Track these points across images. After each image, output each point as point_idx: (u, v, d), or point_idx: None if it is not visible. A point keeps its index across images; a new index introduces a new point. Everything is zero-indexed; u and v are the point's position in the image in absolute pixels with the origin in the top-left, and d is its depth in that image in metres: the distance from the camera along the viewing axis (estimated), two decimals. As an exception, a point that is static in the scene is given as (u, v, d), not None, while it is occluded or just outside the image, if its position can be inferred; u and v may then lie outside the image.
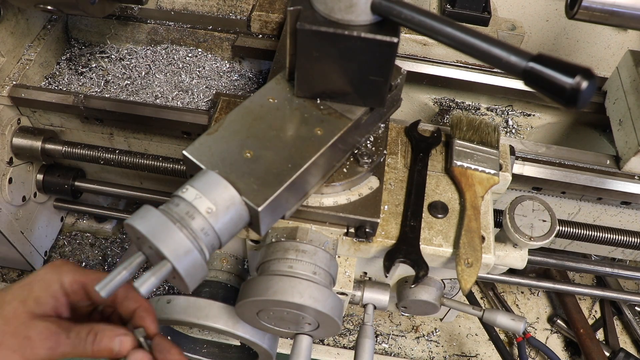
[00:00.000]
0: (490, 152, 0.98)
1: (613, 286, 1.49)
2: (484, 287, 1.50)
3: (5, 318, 0.65)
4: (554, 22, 1.50)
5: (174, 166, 1.21)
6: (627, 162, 1.11)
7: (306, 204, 0.83)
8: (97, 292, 0.64)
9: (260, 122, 0.77)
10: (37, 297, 0.66)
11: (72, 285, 0.68)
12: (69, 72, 1.37)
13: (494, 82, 1.29)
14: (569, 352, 1.41)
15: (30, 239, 1.34)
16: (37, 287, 0.67)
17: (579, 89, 0.53)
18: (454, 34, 0.61)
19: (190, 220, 0.62)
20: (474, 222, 0.88)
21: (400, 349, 1.35)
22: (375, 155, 0.86)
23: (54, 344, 0.65)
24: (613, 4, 0.85)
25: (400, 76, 0.83)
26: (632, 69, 1.13)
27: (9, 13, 1.23)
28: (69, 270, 0.69)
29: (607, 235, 1.13)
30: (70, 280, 0.68)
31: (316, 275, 0.78)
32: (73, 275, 0.68)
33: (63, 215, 1.49)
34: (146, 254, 0.64)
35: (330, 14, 0.68)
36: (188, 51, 1.40)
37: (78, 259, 1.44)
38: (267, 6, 1.34)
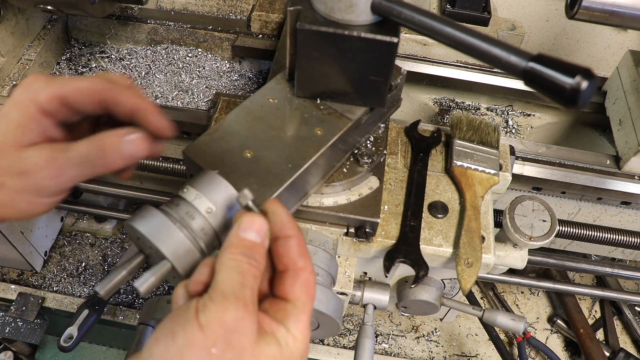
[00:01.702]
0: (490, 152, 0.98)
1: (613, 286, 1.49)
2: (484, 287, 1.50)
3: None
4: (554, 22, 1.50)
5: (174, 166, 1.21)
6: (627, 162, 1.11)
7: (306, 204, 0.83)
8: (79, 100, 0.57)
9: (260, 122, 0.77)
10: (17, 124, 0.57)
11: (50, 103, 0.58)
12: (69, 72, 1.37)
13: (494, 82, 1.29)
14: (569, 352, 1.41)
15: (30, 239, 1.34)
16: (13, 114, 0.57)
17: (579, 89, 0.53)
18: (454, 34, 0.61)
19: (190, 220, 0.62)
20: (474, 222, 0.88)
21: (400, 349, 1.35)
22: (375, 155, 0.86)
23: (55, 171, 0.57)
24: (613, 4, 0.85)
25: (400, 76, 0.83)
26: (632, 69, 1.13)
27: (9, 13, 1.23)
28: (42, 86, 0.58)
29: (607, 235, 1.13)
30: (46, 97, 0.57)
31: (317, 276, 0.78)
32: (48, 89, 0.58)
33: (63, 215, 1.49)
34: (146, 254, 0.64)
35: (330, 14, 0.68)
36: (188, 51, 1.40)
37: (78, 258, 1.44)
38: (267, 6, 1.34)
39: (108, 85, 0.58)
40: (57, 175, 0.57)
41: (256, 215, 0.56)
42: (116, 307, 1.33)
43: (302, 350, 0.53)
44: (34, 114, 0.57)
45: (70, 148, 0.57)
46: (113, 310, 1.32)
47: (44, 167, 0.56)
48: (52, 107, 0.58)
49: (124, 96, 0.59)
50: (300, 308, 0.53)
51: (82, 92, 0.58)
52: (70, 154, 0.57)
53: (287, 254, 0.55)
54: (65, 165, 0.57)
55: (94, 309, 1.21)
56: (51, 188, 0.58)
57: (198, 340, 0.47)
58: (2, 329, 1.26)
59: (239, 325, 0.48)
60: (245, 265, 0.53)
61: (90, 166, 0.58)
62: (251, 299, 0.51)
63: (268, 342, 0.50)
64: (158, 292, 1.38)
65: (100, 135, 0.58)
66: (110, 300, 1.34)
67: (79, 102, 0.58)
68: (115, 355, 1.29)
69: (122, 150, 0.58)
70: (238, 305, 0.49)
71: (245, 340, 0.48)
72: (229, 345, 0.47)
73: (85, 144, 0.57)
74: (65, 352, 1.15)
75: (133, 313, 1.32)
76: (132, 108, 0.59)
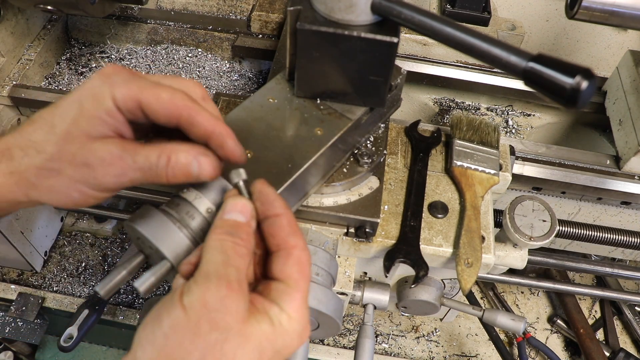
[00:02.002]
0: (490, 152, 0.98)
1: (613, 286, 1.49)
2: (484, 287, 1.50)
3: (58, 141, 0.54)
4: (554, 22, 1.50)
5: (174, 166, 1.21)
6: (627, 162, 1.11)
7: (306, 204, 0.83)
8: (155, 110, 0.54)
9: (260, 122, 0.77)
10: (90, 115, 0.54)
11: (126, 101, 0.55)
12: (69, 72, 1.37)
13: (494, 82, 1.29)
14: (569, 352, 1.41)
15: (30, 239, 1.34)
16: (88, 103, 0.55)
17: (579, 89, 0.53)
18: (454, 34, 0.61)
19: (190, 220, 0.62)
20: (474, 222, 0.88)
21: (400, 349, 1.35)
22: (375, 155, 0.86)
23: (119, 170, 0.55)
24: (613, 4, 0.85)
25: (400, 76, 0.83)
26: (632, 69, 1.13)
27: (9, 13, 1.23)
28: (121, 82, 0.55)
29: (607, 235, 1.13)
30: (124, 96, 0.55)
31: (318, 276, 0.78)
32: (127, 88, 0.55)
33: (63, 216, 1.49)
34: (146, 254, 0.64)
35: (330, 14, 0.68)
36: (188, 51, 1.40)
37: (78, 258, 1.44)
38: (267, 6, 1.34)
39: (189, 103, 0.56)
40: (119, 174, 0.55)
41: (239, 196, 0.57)
42: (116, 307, 1.33)
43: (299, 330, 0.52)
44: (110, 108, 0.55)
45: (140, 152, 0.55)
46: (113, 310, 1.32)
47: (109, 164, 0.54)
48: (127, 106, 0.55)
49: (201, 117, 0.56)
50: (293, 286, 0.52)
51: (161, 104, 0.55)
52: (135, 155, 0.55)
53: (277, 233, 0.55)
54: (131, 168, 0.55)
55: (94, 309, 1.21)
56: (109, 185, 0.56)
57: (182, 322, 0.47)
58: (2, 329, 1.26)
59: (222, 304, 0.48)
60: (228, 244, 0.52)
61: (154, 175, 0.56)
62: (236, 278, 0.50)
63: (259, 321, 0.49)
64: (158, 292, 1.38)
65: (172, 148, 0.56)
66: (110, 300, 1.34)
67: (155, 112, 0.55)
68: (115, 355, 1.29)
69: (189, 169, 0.56)
70: (220, 284, 0.48)
71: (231, 318, 0.48)
72: (213, 325, 0.47)
73: (156, 152, 0.56)
74: (65, 352, 1.15)
75: (133, 313, 1.33)
76: (208, 132, 0.57)
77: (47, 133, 0.55)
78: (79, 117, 0.55)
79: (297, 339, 0.51)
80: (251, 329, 0.49)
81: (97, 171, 0.55)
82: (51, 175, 0.55)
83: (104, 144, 0.55)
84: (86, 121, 0.55)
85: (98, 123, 0.55)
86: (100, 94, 0.55)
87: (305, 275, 0.54)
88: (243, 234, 0.54)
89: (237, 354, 0.47)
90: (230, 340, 0.47)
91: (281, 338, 0.50)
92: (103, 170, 0.55)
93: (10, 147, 0.56)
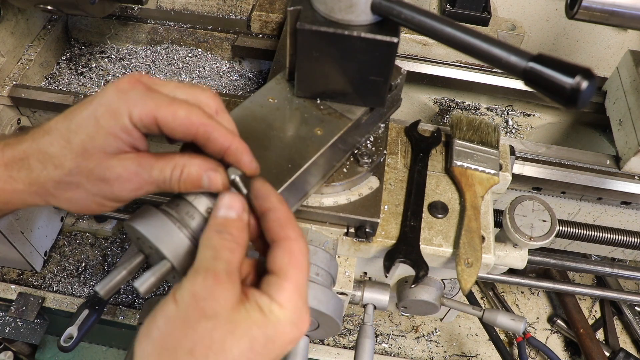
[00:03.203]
0: (490, 152, 0.98)
1: (613, 286, 1.49)
2: (484, 287, 1.50)
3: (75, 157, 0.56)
4: (554, 22, 1.50)
5: (174, 166, 1.21)
6: (627, 162, 1.11)
7: (306, 204, 0.83)
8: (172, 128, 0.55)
9: (260, 122, 0.77)
10: (107, 132, 0.55)
11: (142, 119, 0.56)
12: (69, 72, 1.37)
13: (494, 82, 1.29)
14: (569, 352, 1.41)
15: (30, 239, 1.34)
16: (104, 120, 0.55)
17: (579, 89, 0.53)
18: (454, 34, 0.61)
19: (190, 220, 0.62)
20: (474, 222, 0.88)
21: (400, 349, 1.35)
22: (375, 155, 0.86)
23: (136, 185, 0.57)
24: (613, 4, 0.85)
25: (400, 76, 0.83)
26: (632, 69, 1.13)
27: (9, 13, 1.23)
28: (138, 99, 0.56)
29: (607, 235, 1.13)
30: (140, 112, 0.55)
31: (318, 277, 0.78)
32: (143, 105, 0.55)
33: (63, 216, 1.49)
34: (146, 254, 0.64)
35: (330, 14, 0.68)
36: (188, 51, 1.40)
37: (78, 258, 1.44)
38: (267, 6, 1.34)
39: (205, 120, 0.57)
40: (136, 189, 0.57)
41: (229, 193, 0.58)
42: (116, 307, 1.33)
43: (293, 319, 0.52)
44: (126, 125, 0.56)
45: (155, 166, 0.57)
46: (113, 310, 1.32)
47: (126, 180, 0.56)
48: (144, 123, 0.56)
49: (218, 133, 0.58)
50: (282, 276, 0.53)
51: (177, 121, 0.56)
52: (153, 172, 0.57)
53: (270, 227, 0.57)
54: (146, 182, 0.57)
55: (94, 309, 1.21)
56: (126, 198, 0.58)
57: (173, 314, 0.49)
58: (2, 329, 1.26)
59: (210, 294, 0.49)
60: (217, 240, 0.54)
61: (167, 187, 0.58)
62: (225, 269, 0.51)
63: (249, 309, 0.50)
64: (158, 292, 1.38)
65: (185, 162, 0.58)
66: (110, 300, 1.34)
67: (172, 129, 0.56)
68: (115, 355, 1.29)
69: (200, 183, 0.58)
70: (207, 275, 0.50)
71: (219, 307, 0.49)
72: (202, 313, 0.48)
73: (170, 166, 0.57)
74: (65, 352, 1.15)
75: (133, 313, 1.33)
76: (224, 148, 0.58)
77: (63, 148, 0.56)
78: (95, 133, 0.55)
79: (290, 327, 0.51)
80: (240, 317, 0.49)
81: (114, 186, 0.57)
82: (70, 189, 0.57)
83: (120, 160, 0.56)
84: (103, 138, 0.55)
85: (114, 140, 0.56)
86: (117, 111, 0.55)
87: (297, 266, 0.54)
88: (233, 230, 0.55)
89: (227, 341, 0.48)
90: (219, 328, 0.48)
91: (272, 326, 0.50)
92: (120, 185, 0.57)
93: (29, 156, 0.57)
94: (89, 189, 0.57)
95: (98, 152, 0.56)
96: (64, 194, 0.58)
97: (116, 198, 0.58)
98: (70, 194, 0.58)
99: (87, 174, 0.56)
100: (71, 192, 0.58)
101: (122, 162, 0.56)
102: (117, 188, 0.57)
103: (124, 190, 0.57)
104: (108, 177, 0.56)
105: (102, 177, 0.56)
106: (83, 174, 0.56)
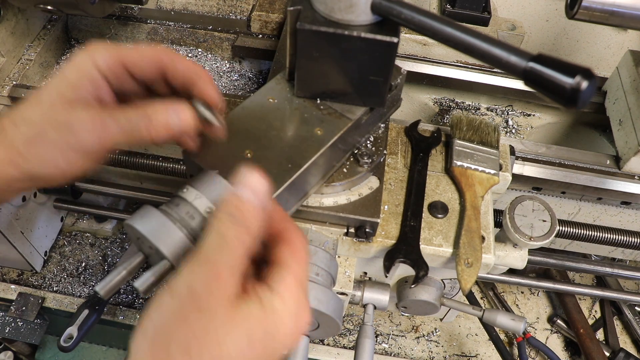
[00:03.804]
0: (490, 152, 0.98)
1: (613, 286, 1.49)
2: (484, 287, 1.50)
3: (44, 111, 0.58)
4: (554, 22, 1.50)
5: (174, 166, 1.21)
6: (627, 162, 1.11)
7: (306, 204, 0.83)
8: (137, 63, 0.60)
9: (260, 122, 0.77)
10: (72, 83, 0.59)
11: (109, 66, 0.60)
12: (69, 72, 1.37)
13: (494, 82, 1.29)
14: (569, 352, 1.41)
15: (30, 239, 1.34)
16: (71, 73, 0.60)
17: (579, 89, 0.53)
18: (454, 34, 0.61)
19: (190, 221, 0.62)
20: (474, 222, 0.88)
21: (400, 349, 1.35)
22: (375, 155, 0.86)
23: (101, 131, 0.57)
24: (613, 4, 0.85)
25: (400, 76, 0.83)
26: (632, 69, 1.13)
27: (9, 13, 1.23)
28: (102, 50, 0.60)
29: (607, 235, 1.13)
30: (105, 60, 0.60)
31: (318, 276, 0.78)
32: (107, 53, 0.60)
33: (63, 216, 1.49)
34: (146, 254, 0.64)
35: (330, 14, 0.68)
36: (188, 51, 1.40)
37: (78, 258, 1.44)
38: (267, 6, 1.34)
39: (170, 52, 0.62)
40: (101, 134, 0.57)
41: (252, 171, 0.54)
42: (116, 307, 1.33)
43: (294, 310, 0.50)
44: (91, 74, 0.59)
45: (118, 111, 0.59)
46: (113, 310, 1.32)
47: (89, 123, 0.57)
48: (111, 69, 0.60)
49: (182, 62, 0.62)
50: (284, 267, 0.52)
51: (143, 57, 0.60)
52: (116, 116, 0.58)
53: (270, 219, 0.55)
54: (111, 127, 0.58)
55: (94, 309, 1.21)
56: (93, 147, 0.59)
57: (167, 307, 0.47)
58: (2, 329, 1.26)
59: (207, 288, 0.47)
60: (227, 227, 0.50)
61: (136, 136, 0.59)
62: (229, 264, 0.48)
63: (248, 303, 0.48)
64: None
65: (151, 107, 0.60)
66: (110, 300, 1.34)
67: (139, 66, 0.60)
68: (115, 355, 1.29)
69: (168, 120, 0.59)
70: (209, 269, 0.48)
71: (216, 303, 0.47)
72: (197, 307, 0.46)
73: (133, 109, 0.59)
74: (65, 352, 1.15)
75: (133, 313, 1.33)
76: (189, 73, 0.62)
77: (34, 106, 0.59)
78: (63, 88, 0.59)
79: (289, 320, 0.49)
80: (239, 313, 0.47)
81: (79, 134, 0.57)
82: (37, 144, 0.58)
83: (85, 108, 0.59)
84: (70, 90, 0.59)
85: (79, 89, 0.59)
86: (81, 63, 0.60)
87: (297, 258, 0.53)
88: (250, 217, 0.51)
89: (223, 337, 0.46)
90: (216, 325, 0.46)
91: (271, 321, 0.48)
92: (86, 132, 0.57)
93: (4, 123, 0.60)
94: (56, 140, 0.57)
95: (64, 103, 0.58)
96: (33, 150, 0.58)
97: (83, 148, 0.58)
98: (39, 150, 0.58)
99: (53, 125, 0.57)
100: (39, 147, 0.58)
101: (88, 111, 0.58)
102: (83, 135, 0.57)
103: (88, 137, 0.57)
104: (73, 123, 0.57)
105: (66, 123, 0.57)
106: (50, 125, 0.57)
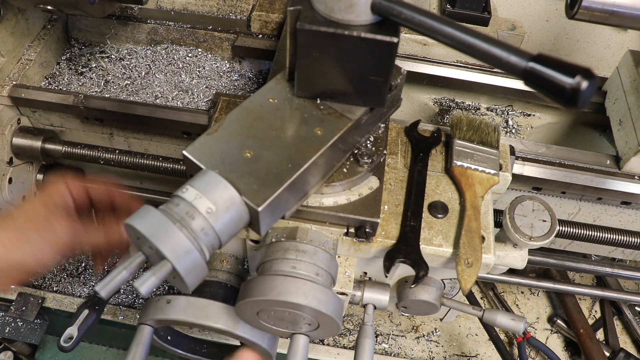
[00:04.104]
0: (490, 152, 0.98)
1: (613, 286, 1.49)
2: (484, 287, 1.50)
3: (30, 217, 0.78)
4: (554, 22, 1.50)
5: (174, 166, 1.21)
6: (627, 162, 1.11)
7: (306, 204, 0.83)
8: (96, 195, 0.85)
9: (260, 122, 0.77)
10: (54, 201, 0.80)
11: (77, 191, 0.83)
12: (69, 72, 1.37)
13: (494, 82, 1.29)
14: (569, 352, 1.41)
15: (30, 239, 1.34)
16: (53, 193, 0.81)
17: (579, 89, 0.53)
18: (454, 34, 0.61)
19: (190, 220, 0.62)
20: (474, 222, 0.88)
21: (400, 349, 1.35)
22: (375, 155, 0.86)
23: (76, 237, 0.78)
24: (613, 4, 0.85)
25: (400, 76, 0.83)
26: (632, 69, 1.13)
27: (9, 13, 1.23)
28: (73, 178, 0.84)
29: (607, 235, 1.13)
30: (76, 186, 0.83)
31: (319, 277, 0.78)
32: (77, 182, 0.84)
33: (63, 215, 1.49)
34: (146, 254, 0.64)
35: (330, 14, 0.68)
36: (188, 51, 1.40)
37: (78, 258, 1.44)
38: (267, 6, 1.34)
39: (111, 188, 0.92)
40: (76, 239, 0.81)
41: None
42: (116, 307, 1.33)
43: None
44: (67, 196, 0.84)
45: (89, 228, 0.83)
46: (113, 310, 1.32)
47: (70, 231, 0.79)
48: (77, 193, 0.85)
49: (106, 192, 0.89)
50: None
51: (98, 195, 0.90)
52: (89, 231, 0.83)
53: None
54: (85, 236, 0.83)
55: (94, 309, 1.21)
56: (67, 245, 0.79)
57: None
58: (2, 329, 1.26)
59: None
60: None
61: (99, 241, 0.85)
62: None
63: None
64: (158, 292, 1.38)
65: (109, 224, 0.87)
66: (110, 300, 1.34)
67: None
68: (115, 355, 1.29)
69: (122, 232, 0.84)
70: None
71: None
72: None
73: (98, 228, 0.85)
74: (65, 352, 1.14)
75: (133, 313, 1.32)
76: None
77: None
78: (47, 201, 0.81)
79: None
80: None
81: (59, 234, 0.78)
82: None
83: (65, 218, 0.81)
84: (52, 204, 0.80)
85: (60, 206, 0.81)
86: (60, 186, 0.84)
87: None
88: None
89: None
90: None
91: None
92: (64, 234, 0.79)
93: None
94: (37, 238, 0.75)
95: (47, 213, 0.78)
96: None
97: (60, 244, 0.78)
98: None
99: (36, 229, 0.76)
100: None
101: (67, 219, 0.80)
102: (62, 235, 0.78)
103: (67, 238, 0.78)
104: (55, 227, 0.78)
105: (51, 228, 0.77)
106: (33, 229, 0.75)
